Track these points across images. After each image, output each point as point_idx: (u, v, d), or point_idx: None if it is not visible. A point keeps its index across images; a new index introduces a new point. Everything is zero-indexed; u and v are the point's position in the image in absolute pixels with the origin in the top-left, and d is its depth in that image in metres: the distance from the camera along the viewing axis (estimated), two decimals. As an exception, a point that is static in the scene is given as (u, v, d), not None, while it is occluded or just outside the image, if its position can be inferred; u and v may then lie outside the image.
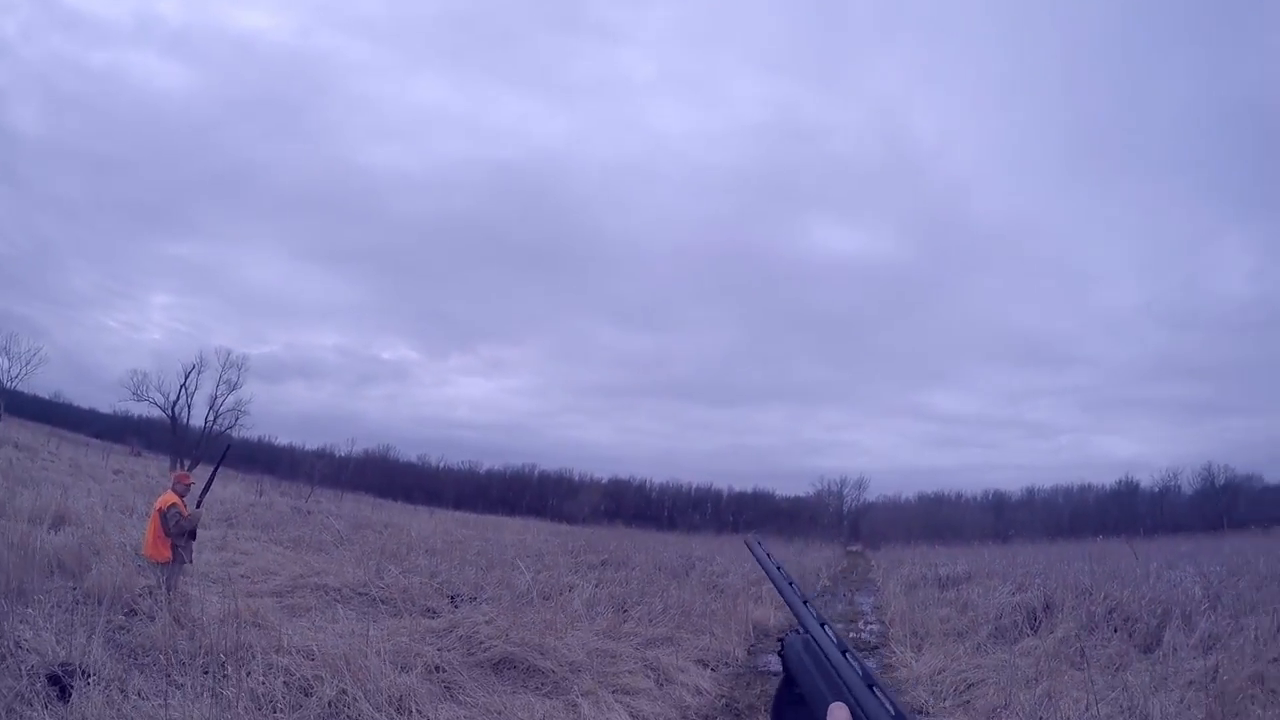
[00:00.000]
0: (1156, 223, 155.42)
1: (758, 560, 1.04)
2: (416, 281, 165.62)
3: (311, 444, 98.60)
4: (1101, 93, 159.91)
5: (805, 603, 0.97)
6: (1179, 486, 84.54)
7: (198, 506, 8.95)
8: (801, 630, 0.91)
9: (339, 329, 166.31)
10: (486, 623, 9.75)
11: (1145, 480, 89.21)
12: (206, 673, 6.52)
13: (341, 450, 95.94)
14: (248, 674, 6.56)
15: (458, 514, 55.21)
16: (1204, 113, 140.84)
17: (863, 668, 0.85)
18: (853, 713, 0.80)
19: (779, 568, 0.96)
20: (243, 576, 12.14)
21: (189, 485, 9.20)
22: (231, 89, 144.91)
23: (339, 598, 11.30)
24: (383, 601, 11.40)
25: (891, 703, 0.78)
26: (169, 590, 8.48)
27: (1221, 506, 66.99)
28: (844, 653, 0.89)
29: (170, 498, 8.70)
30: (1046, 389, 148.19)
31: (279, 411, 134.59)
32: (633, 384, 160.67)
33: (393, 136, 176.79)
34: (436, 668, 8.01)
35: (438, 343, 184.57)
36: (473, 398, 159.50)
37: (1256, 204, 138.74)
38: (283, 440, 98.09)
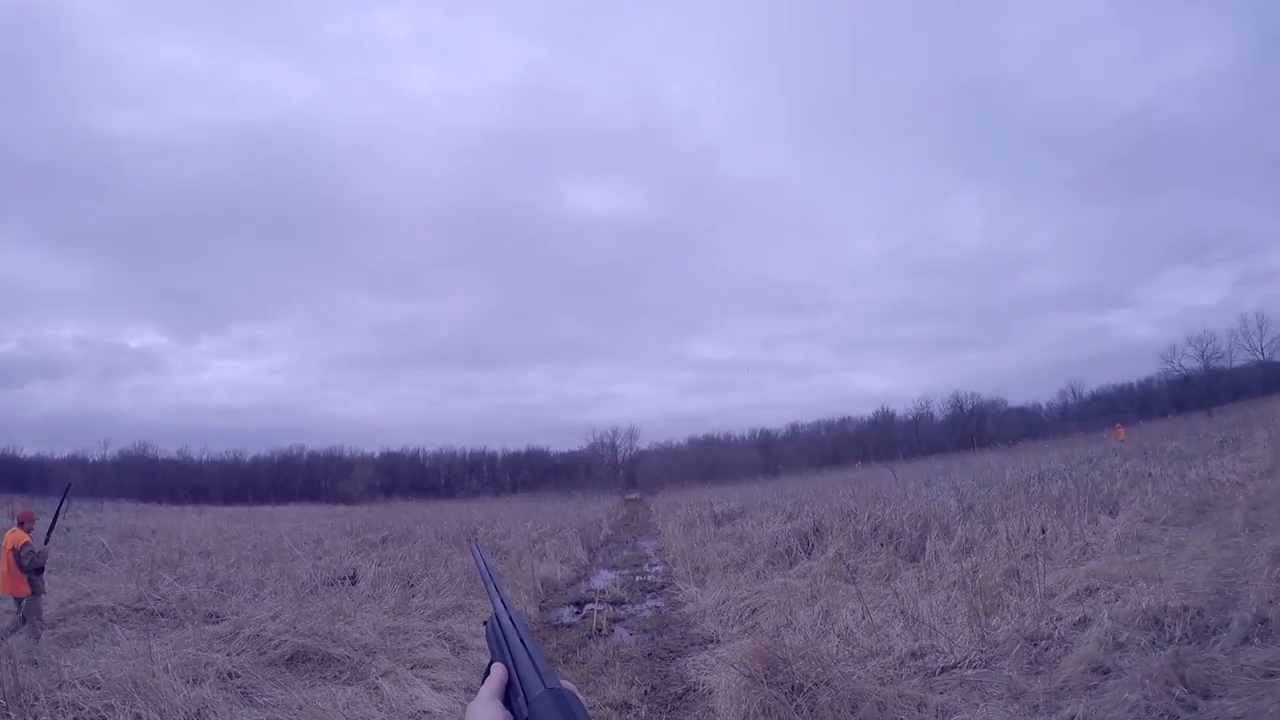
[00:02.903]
0: (895, 182, 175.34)
1: (476, 564, 1.23)
2: (160, 260, 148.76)
3: (61, 451, 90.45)
4: (841, 63, 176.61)
5: (496, 588, 1.12)
6: (931, 414, 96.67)
7: (45, 543, 9.73)
8: (494, 615, 1.07)
9: (79, 318, 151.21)
10: (272, 618, 9.72)
11: (900, 410, 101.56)
12: None
13: (95, 453, 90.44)
14: (35, 718, 6.32)
15: (228, 509, 53.63)
16: (938, 86, 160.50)
17: (519, 629, 0.99)
18: (508, 668, 0.94)
19: (488, 566, 1.17)
20: (6, 612, 11.05)
21: (35, 521, 10.06)
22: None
23: (115, 617, 10.83)
24: (162, 614, 10.97)
25: (532, 652, 0.92)
26: (37, 618, 9.45)
27: (970, 428, 77.66)
28: (510, 619, 1.03)
29: (20, 535, 9.44)
30: (800, 333, 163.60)
31: (21, 418, 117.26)
32: (394, 353, 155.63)
33: (131, 101, 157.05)
34: (229, 674, 7.85)
35: (187, 326, 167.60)
36: (229, 381, 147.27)
37: (986, 168, 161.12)
38: (29, 451, 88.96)
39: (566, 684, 0.86)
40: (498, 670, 0.94)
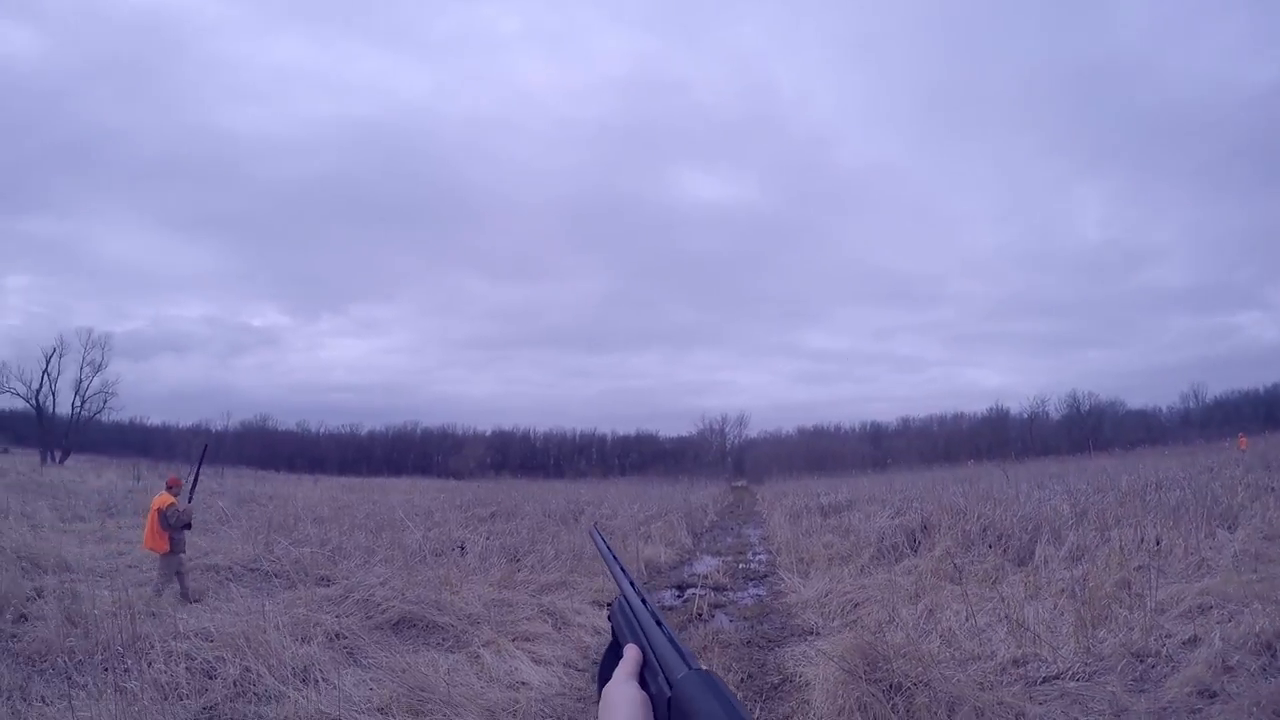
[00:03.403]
0: (1011, 172, 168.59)
1: (596, 546, 1.30)
2: (282, 245, 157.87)
3: (186, 421, 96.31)
4: (954, 50, 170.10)
5: (623, 570, 1.19)
6: (1046, 413, 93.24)
7: (189, 502, 10.64)
8: (621, 597, 1.14)
9: (206, 299, 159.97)
10: (381, 584, 10.20)
11: (1014, 408, 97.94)
12: (107, 669, 6.65)
13: (218, 424, 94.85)
14: (149, 665, 6.77)
15: (343, 480, 56.37)
16: (1054, 72, 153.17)
17: (654, 612, 1.00)
18: (643, 650, 0.94)
19: (609, 549, 1.26)
20: (130, 567, 12.28)
21: (181, 486, 10.90)
22: (81, 52, 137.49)
23: (231, 576, 11.61)
24: (275, 575, 11.55)
25: (670, 634, 0.93)
26: (179, 575, 10.40)
27: (1087, 430, 74.47)
28: (643, 602, 1.05)
29: (167, 498, 10.36)
30: (913, 325, 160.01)
31: (149, 390, 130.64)
32: (509, 335, 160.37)
33: (252, 98, 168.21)
34: (336, 634, 8.27)
35: (308, 306, 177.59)
36: (348, 360, 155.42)
37: (1105, 158, 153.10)
38: (155, 420, 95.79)
39: (706, 668, 0.83)
40: (632, 651, 0.94)
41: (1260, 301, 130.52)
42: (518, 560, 13.98)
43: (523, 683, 7.51)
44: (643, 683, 0.90)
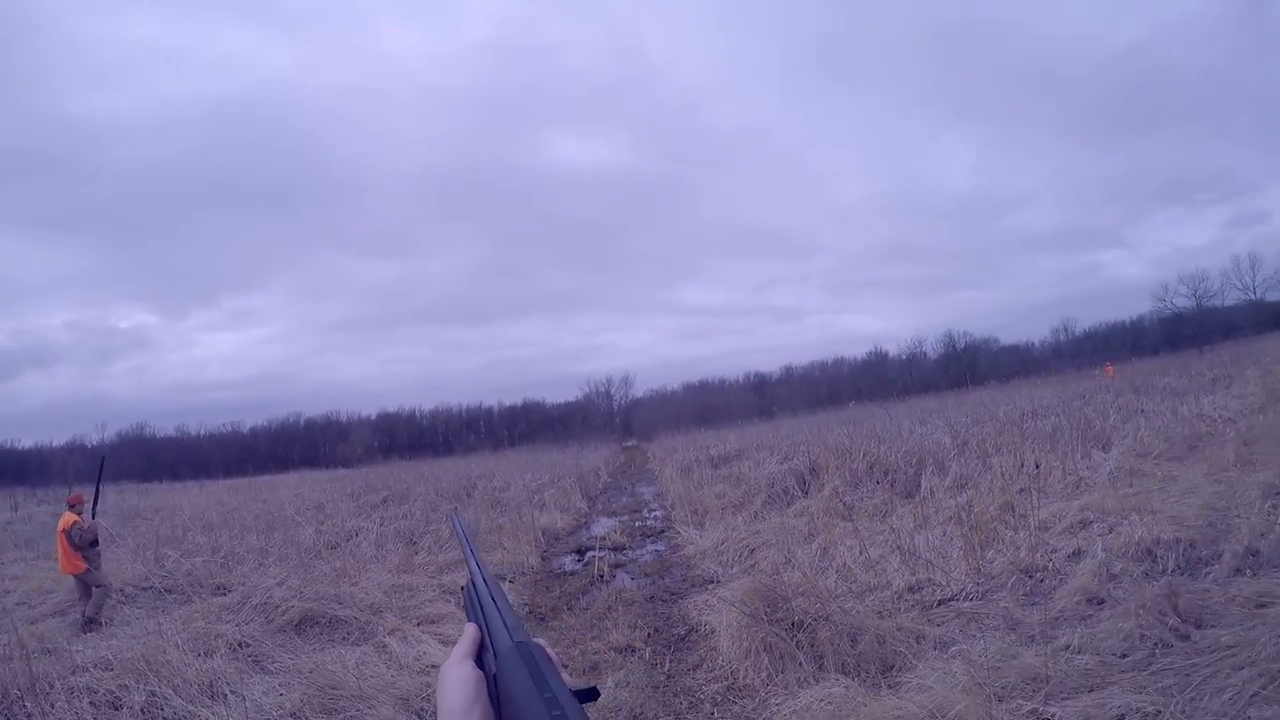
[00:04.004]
0: (882, 125, 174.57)
1: (455, 531, 1.31)
2: (145, 238, 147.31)
3: (59, 439, 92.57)
4: (824, 8, 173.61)
5: (472, 551, 1.19)
6: (924, 353, 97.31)
7: (93, 518, 10.31)
8: (470, 579, 1.11)
9: (67, 304, 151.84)
10: (278, 585, 9.84)
11: (893, 350, 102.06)
12: (9, 718, 6.23)
13: (93, 438, 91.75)
14: (51, 706, 6.34)
15: (229, 482, 53.95)
16: (924, 27, 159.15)
17: (491, 588, 1.01)
18: (480, 628, 0.94)
19: (464, 531, 1.25)
20: (18, 604, 11.66)
21: (83, 502, 10.53)
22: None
23: (123, 598, 11.08)
24: (169, 591, 11.10)
25: (502, 609, 0.93)
26: (98, 587, 9.98)
27: (963, 367, 78.45)
28: (483, 580, 1.05)
29: (71, 517, 10.00)
30: (790, 276, 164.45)
31: (16, 410, 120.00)
32: (386, 314, 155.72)
33: (106, 81, 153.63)
34: (239, 644, 7.95)
35: (177, 302, 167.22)
36: (222, 354, 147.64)
37: (973, 110, 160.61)
38: (27, 443, 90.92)
39: (537, 640, 0.84)
40: (470, 630, 0.95)
41: (1122, 241, 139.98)
42: (414, 543, 13.75)
43: (433, 666, 7.29)
44: (483, 662, 0.89)
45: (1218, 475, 9.23)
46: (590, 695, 0.79)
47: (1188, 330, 69.86)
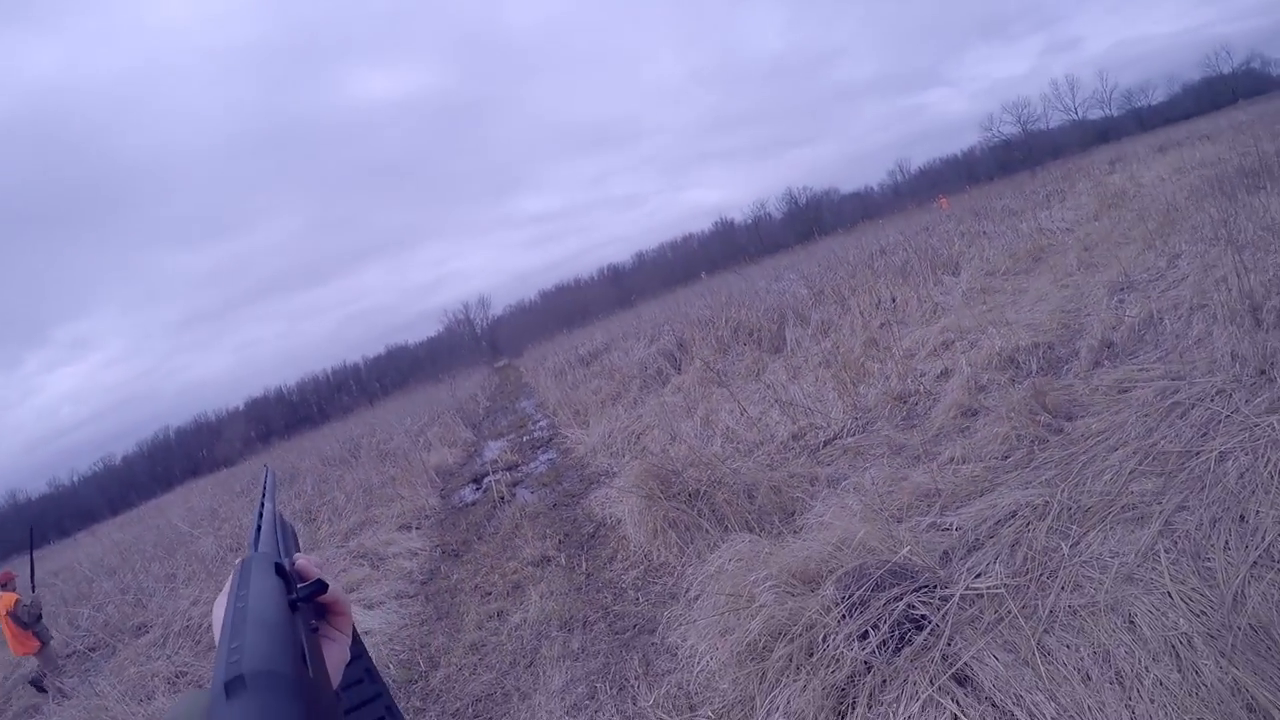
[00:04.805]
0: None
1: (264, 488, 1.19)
2: None
3: None
4: None
5: (265, 496, 1.12)
6: (769, 214, 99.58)
7: (34, 591, 9.91)
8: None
9: None
10: (194, 604, 9.82)
11: (738, 217, 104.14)
12: None
13: None
14: None
15: (118, 519, 51.22)
16: None
17: (265, 520, 1.00)
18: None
19: (265, 491, 1.14)
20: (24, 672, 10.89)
21: (14, 578, 10.07)
22: None
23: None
24: (92, 650, 10.70)
25: (263, 538, 0.94)
26: (54, 667, 9.63)
27: (809, 221, 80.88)
28: (266, 515, 1.02)
29: (9, 597, 9.51)
30: (623, 165, 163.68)
31: None
32: (226, 299, 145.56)
33: None
34: (177, 674, 7.82)
35: (5, 350, 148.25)
36: (70, 391, 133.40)
37: None
38: None
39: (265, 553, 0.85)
40: (238, 563, 0.90)
41: (941, 79, 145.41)
42: (314, 518, 13.30)
43: (365, 632, 7.01)
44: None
45: (1064, 281, 9.70)
46: (318, 588, 0.80)
47: (1017, 155, 73.84)
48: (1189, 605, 2.92)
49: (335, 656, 0.86)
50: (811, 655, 3.41)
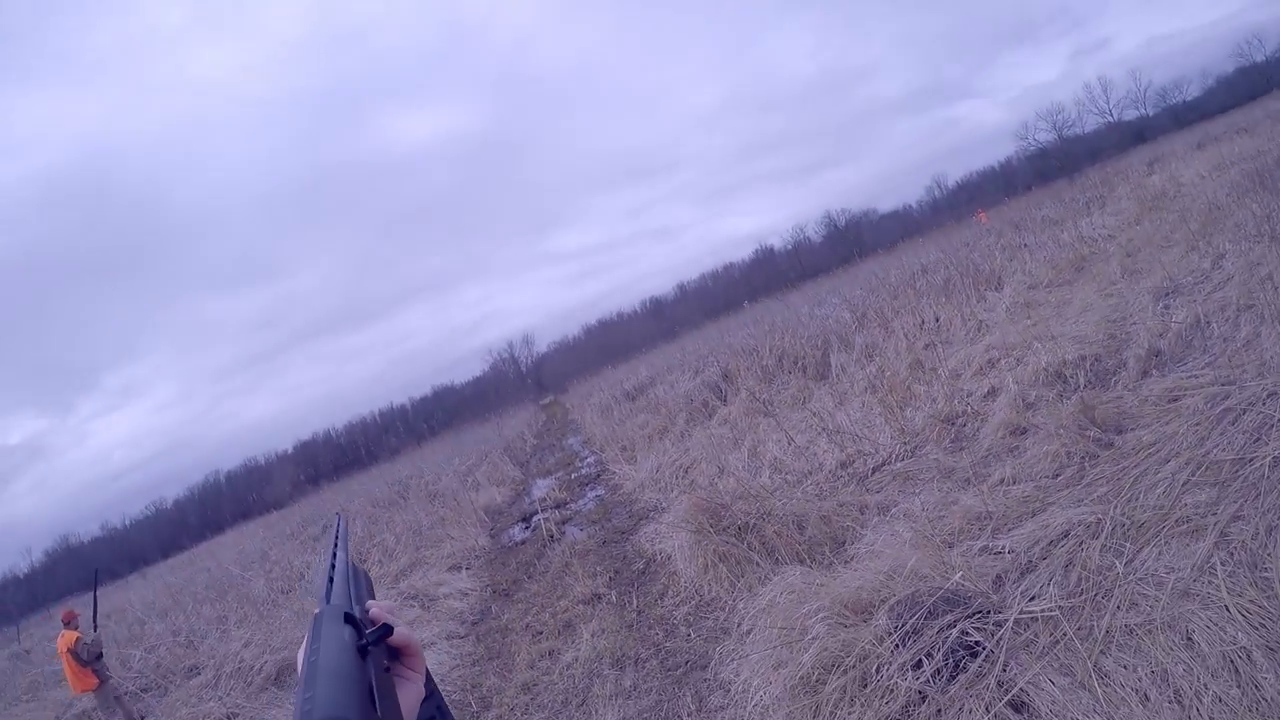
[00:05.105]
0: (714, 30, 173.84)
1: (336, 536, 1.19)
2: (3, 341, 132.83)
3: None
4: None
5: (338, 543, 1.12)
6: (808, 238, 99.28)
7: (95, 630, 9.82)
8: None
9: None
10: (245, 647, 9.83)
11: (777, 243, 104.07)
12: None
13: (22, 567, 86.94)
14: None
15: (170, 562, 52.50)
16: None
17: (338, 571, 1.01)
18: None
19: (336, 540, 1.14)
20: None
21: (77, 617, 10.08)
22: None
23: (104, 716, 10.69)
24: (145, 691, 10.88)
25: (335, 589, 0.95)
26: (118, 700, 9.65)
27: (849, 243, 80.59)
28: (338, 565, 1.03)
29: (70, 635, 9.55)
30: (660, 196, 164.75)
31: None
32: (273, 343, 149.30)
33: None
34: (227, 716, 7.99)
35: (59, 397, 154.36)
36: (122, 436, 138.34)
37: None
38: None
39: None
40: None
41: (973, 90, 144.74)
42: (364, 560, 13.46)
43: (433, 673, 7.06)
44: None
45: (1108, 290, 9.58)
46: (385, 632, 0.83)
47: (1055, 162, 72.85)
48: (1247, 618, 2.89)
49: (410, 695, 0.90)
50: (865, 686, 3.42)
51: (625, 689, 5.25)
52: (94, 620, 10.16)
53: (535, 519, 12.32)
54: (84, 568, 78.91)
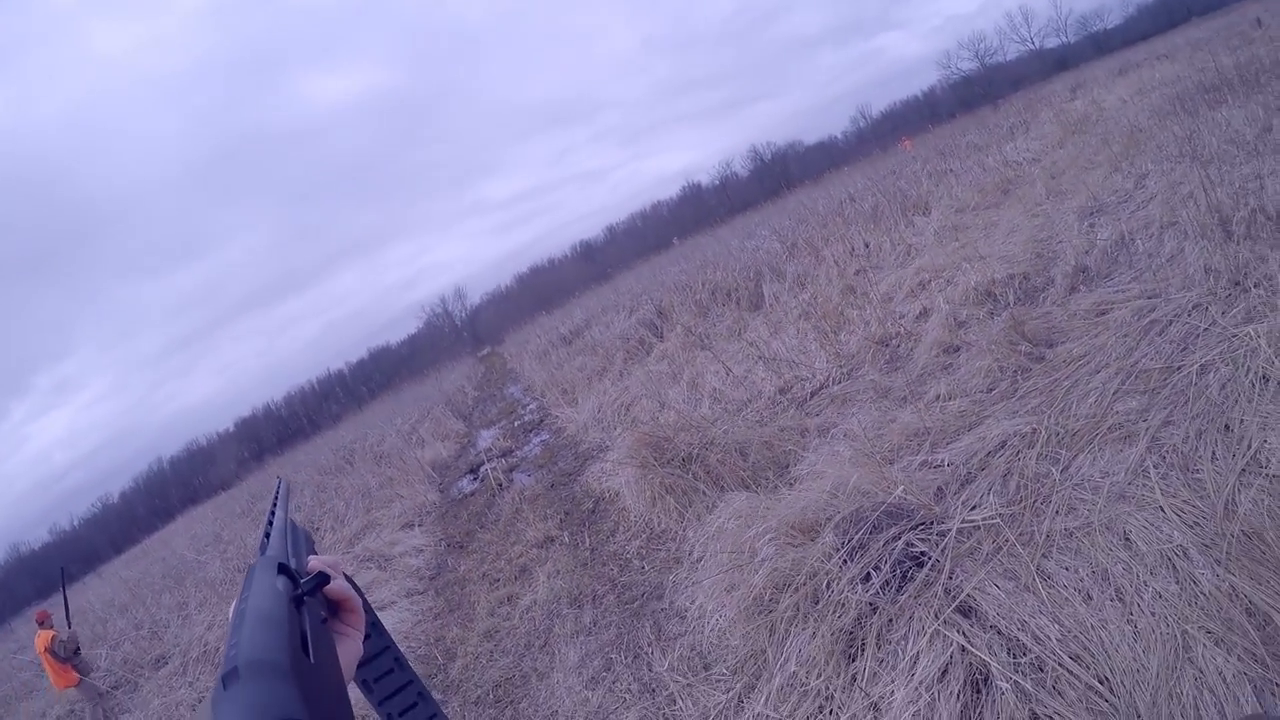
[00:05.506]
0: None
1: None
2: None
3: None
4: None
5: (276, 504, 1.12)
6: (735, 173, 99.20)
7: (70, 627, 10.06)
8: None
9: None
10: (209, 629, 9.93)
11: (704, 179, 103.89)
12: None
13: None
14: None
15: (124, 557, 51.10)
16: None
17: (275, 526, 1.00)
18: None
19: (276, 499, 1.14)
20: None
21: (50, 616, 10.21)
22: None
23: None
24: (115, 688, 10.56)
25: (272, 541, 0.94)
26: (100, 696, 9.82)
27: (776, 176, 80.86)
28: (276, 521, 1.03)
29: (46, 634, 9.69)
30: (584, 140, 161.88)
31: None
32: (205, 321, 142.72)
33: None
34: (199, 701, 7.84)
35: None
36: (60, 436, 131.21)
37: None
38: None
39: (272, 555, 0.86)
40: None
41: (895, 22, 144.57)
42: (316, 528, 13.22)
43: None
44: None
45: (1034, 211, 9.70)
46: (320, 580, 0.81)
47: (978, 90, 73.71)
48: (1181, 517, 2.96)
49: (349, 652, 0.87)
50: (817, 602, 3.45)
51: (585, 626, 5.27)
52: (67, 617, 10.21)
53: (483, 469, 12.28)
54: (38, 575, 77.12)
